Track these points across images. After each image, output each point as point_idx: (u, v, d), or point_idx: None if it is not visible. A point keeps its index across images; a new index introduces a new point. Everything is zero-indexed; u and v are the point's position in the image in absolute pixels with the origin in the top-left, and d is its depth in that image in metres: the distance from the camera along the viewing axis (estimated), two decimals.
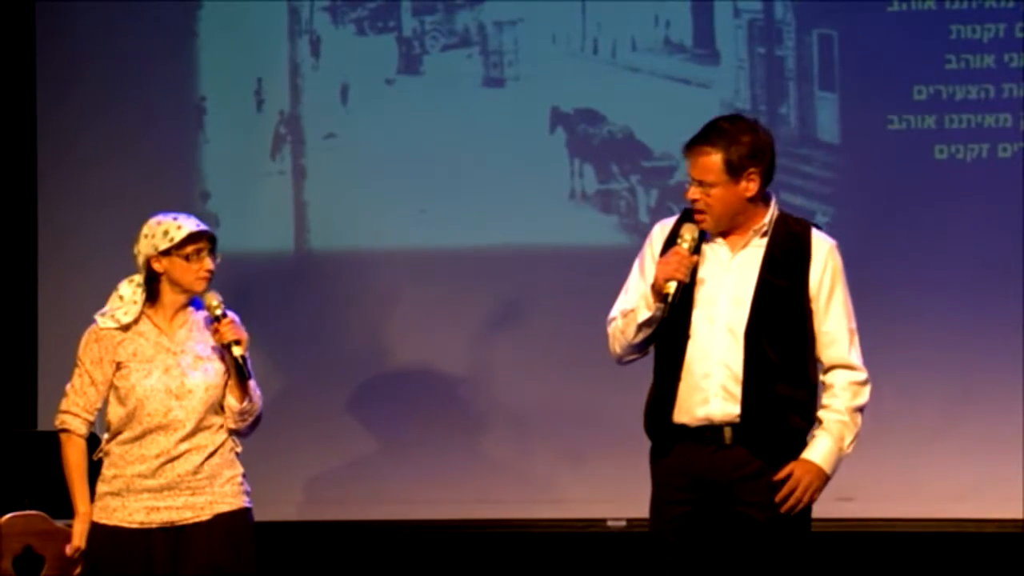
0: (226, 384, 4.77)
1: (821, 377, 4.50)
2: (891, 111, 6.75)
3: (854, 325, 4.51)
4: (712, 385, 4.42)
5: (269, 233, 7.02)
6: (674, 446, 4.48)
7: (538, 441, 6.80)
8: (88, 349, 4.79)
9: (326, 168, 7.03)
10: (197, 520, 4.70)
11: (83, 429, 4.80)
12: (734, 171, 4.41)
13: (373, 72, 7.01)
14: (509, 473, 6.86)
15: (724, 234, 4.49)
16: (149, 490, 4.71)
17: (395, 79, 7.01)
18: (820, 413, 4.47)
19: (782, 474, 4.41)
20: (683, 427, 4.46)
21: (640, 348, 4.53)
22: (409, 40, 7.01)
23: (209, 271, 4.76)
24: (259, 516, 4.84)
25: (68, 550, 4.79)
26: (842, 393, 4.45)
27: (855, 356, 4.48)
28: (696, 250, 4.44)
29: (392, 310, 6.93)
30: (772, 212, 4.50)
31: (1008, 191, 6.63)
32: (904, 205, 6.72)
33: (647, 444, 4.60)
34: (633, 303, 4.48)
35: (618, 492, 6.47)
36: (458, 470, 6.86)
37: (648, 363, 4.62)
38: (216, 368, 4.76)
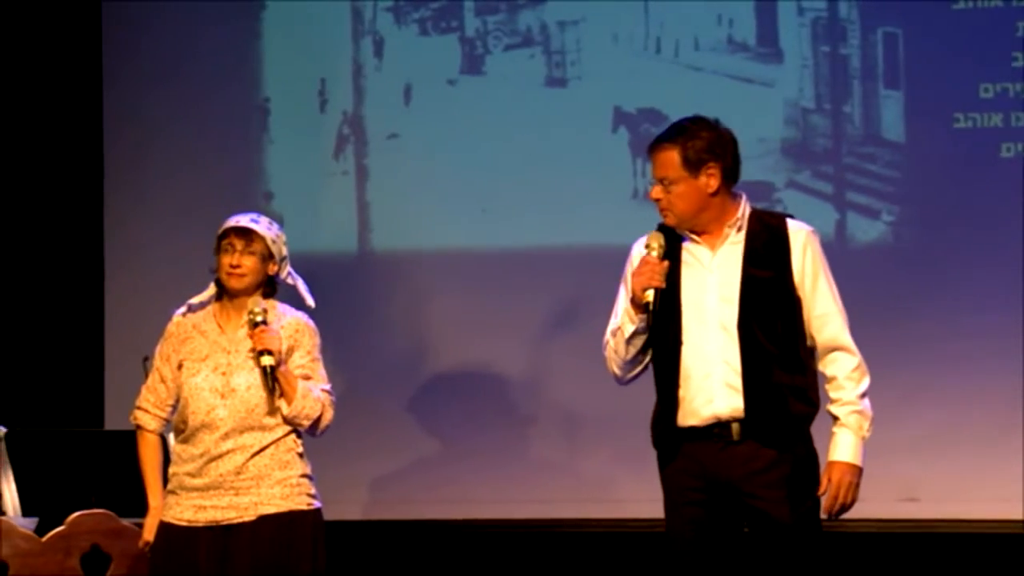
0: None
1: (819, 365, 4.55)
2: (957, 109, 6.70)
3: (841, 305, 4.56)
4: (715, 384, 4.47)
5: (332, 233, 7.05)
6: (681, 448, 4.52)
7: (599, 441, 6.78)
8: (160, 347, 4.85)
9: (389, 168, 7.05)
10: (241, 520, 4.68)
11: (152, 424, 4.85)
12: (692, 166, 4.47)
13: (436, 72, 7.02)
14: (570, 473, 6.86)
15: (700, 234, 4.53)
16: (196, 489, 4.72)
17: (458, 79, 7.03)
18: (832, 408, 4.53)
19: (822, 487, 4.48)
20: (690, 429, 4.51)
21: (635, 364, 4.59)
22: (472, 40, 7.02)
23: (233, 267, 4.71)
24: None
25: (139, 543, 4.86)
26: (847, 383, 4.51)
27: (848, 336, 4.55)
28: (665, 256, 4.49)
29: (454, 310, 6.93)
30: (744, 208, 4.55)
31: None
32: (970, 204, 6.67)
33: None
34: (620, 321, 4.55)
35: None
36: (520, 470, 6.86)
37: None
38: None
